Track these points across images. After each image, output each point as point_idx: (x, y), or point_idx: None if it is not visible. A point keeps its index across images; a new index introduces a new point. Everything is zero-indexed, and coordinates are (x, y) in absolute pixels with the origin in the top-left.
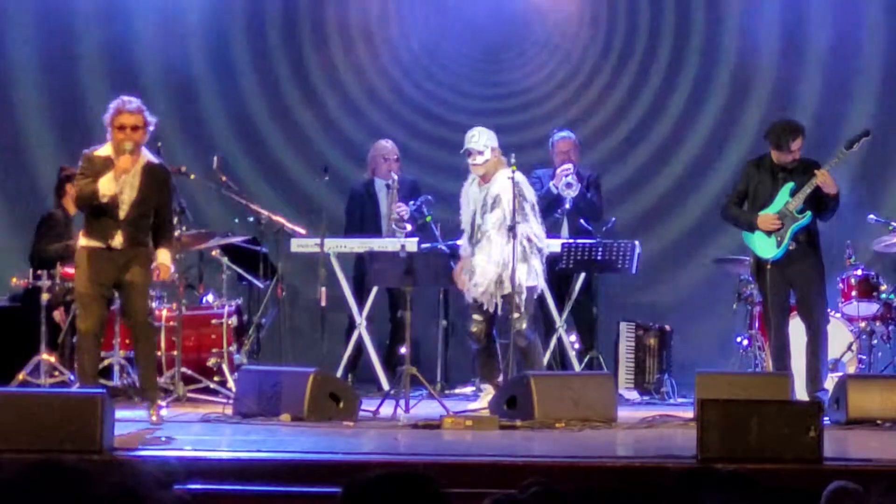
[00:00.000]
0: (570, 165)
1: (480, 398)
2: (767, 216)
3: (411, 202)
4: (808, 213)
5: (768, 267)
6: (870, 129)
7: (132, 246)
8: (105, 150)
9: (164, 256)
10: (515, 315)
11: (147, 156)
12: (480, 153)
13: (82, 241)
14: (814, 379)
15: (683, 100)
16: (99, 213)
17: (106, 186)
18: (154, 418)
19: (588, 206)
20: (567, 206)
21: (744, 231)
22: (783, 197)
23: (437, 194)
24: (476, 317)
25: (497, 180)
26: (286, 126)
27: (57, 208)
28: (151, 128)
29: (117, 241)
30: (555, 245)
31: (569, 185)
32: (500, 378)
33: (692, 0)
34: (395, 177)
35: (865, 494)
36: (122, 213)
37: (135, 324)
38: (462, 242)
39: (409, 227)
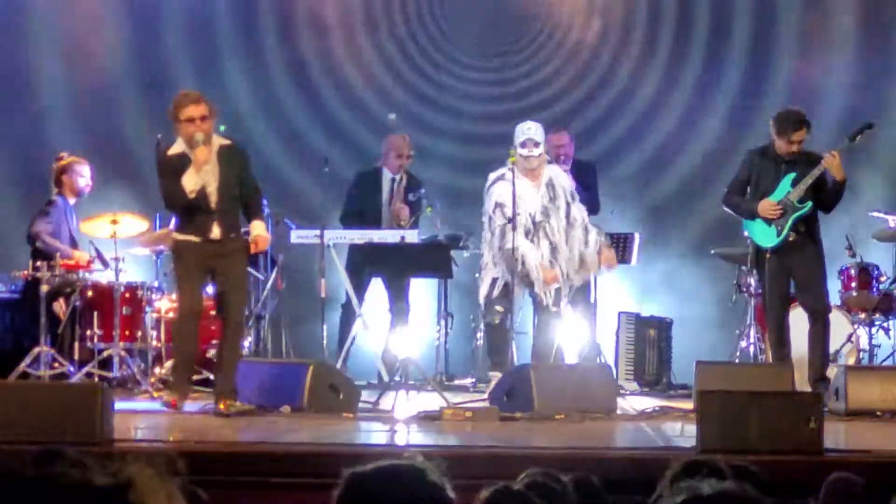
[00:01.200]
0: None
1: (490, 385)
2: (768, 203)
3: (410, 194)
4: (809, 203)
5: (767, 256)
6: (873, 122)
7: (229, 235)
8: (178, 147)
9: (259, 228)
10: (555, 308)
11: (218, 140)
12: (537, 145)
13: (179, 235)
14: (815, 367)
15: (687, 92)
16: (192, 210)
17: (191, 182)
18: (223, 407)
19: (585, 200)
20: None
21: (744, 219)
22: (785, 187)
23: (438, 188)
24: (498, 308)
25: (555, 174)
26: (285, 117)
27: (57, 196)
28: (216, 113)
29: (215, 233)
30: None
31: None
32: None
33: None
34: (403, 176)
35: (865, 486)
36: (213, 204)
37: (229, 321)
38: (519, 238)
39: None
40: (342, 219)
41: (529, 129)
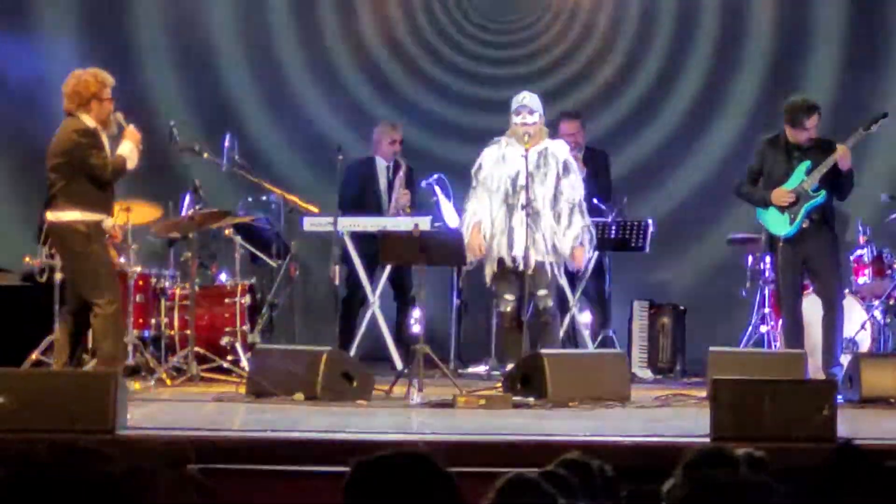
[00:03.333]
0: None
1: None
2: (781, 191)
3: (423, 181)
4: (823, 192)
5: (781, 244)
6: (888, 111)
7: None
8: (90, 122)
9: None
10: (543, 292)
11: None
12: (531, 112)
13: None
14: (829, 355)
15: (703, 80)
16: (106, 186)
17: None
18: None
19: (596, 186)
20: None
21: (758, 208)
22: (798, 176)
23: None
24: (507, 296)
25: (555, 146)
26: (298, 104)
27: None
28: None
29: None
30: None
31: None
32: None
33: None
34: (403, 161)
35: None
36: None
37: None
38: (483, 202)
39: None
40: (340, 209)
41: (524, 98)
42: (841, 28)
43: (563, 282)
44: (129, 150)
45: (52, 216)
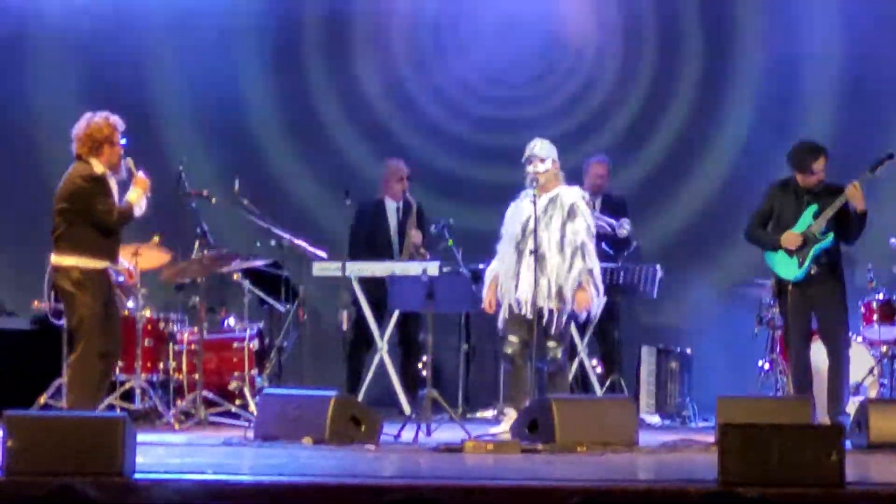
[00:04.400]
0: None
1: (503, 422)
2: (790, 234)
3: (432, 226)
4: (831, 235)
5: (790, 288)
6: (894, 153)
7: None
8: (99, 167)
9: None
10: (552, 343)
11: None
12: (542, 160)
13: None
14: (835, 402)
15: (707, 125)
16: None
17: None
18: None
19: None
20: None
21: (767, 251)
22: (806, 219)
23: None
24: (512, 338)
25: (566, 192)
26: (307, 149)
27: None
28: None
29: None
30: None
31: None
32: (527, 403)
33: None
34: (413, 200)
35: None
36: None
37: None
38: (502, 253)
39: (427, 255)
40: (350, 253)
41: (534, 147)
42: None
43: (572, 326)
44: (136, 196)
45: (53, 259)
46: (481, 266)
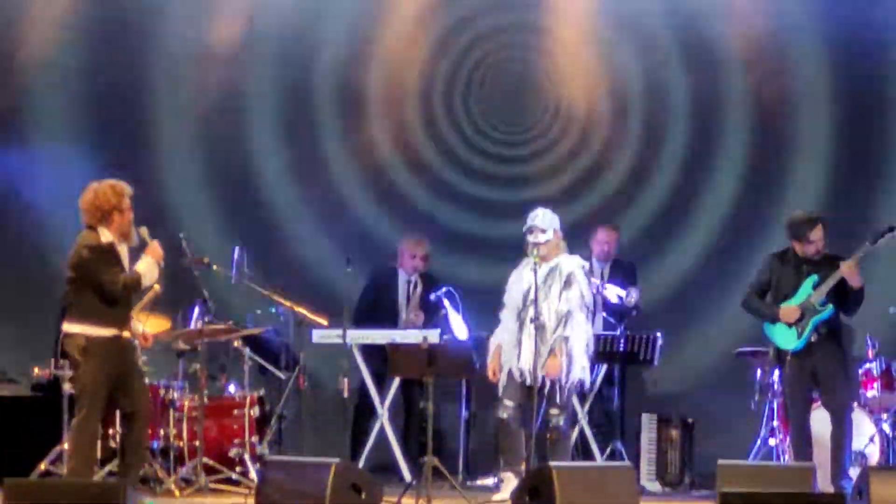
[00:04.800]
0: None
1: (502, 488)
2: (789, 308)
3: (432, 294)
4: (831, 307)
5: (789, 358)
6: (894, 226)
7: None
8: (107, 236)
9: None
10: (555, 411)
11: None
12: (543, 231)
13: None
14: (837, 468)
15: (705, 186)
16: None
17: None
18: None
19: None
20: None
21: (765, 322)
22: (806, 290)
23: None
24: (507, 402)
25: (566, 261)
26: (308, 216)
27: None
28: None
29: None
30: None
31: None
32: (523, 467)
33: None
34: (419, 281)
35: None
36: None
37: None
38: (505, 321)
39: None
40: (355, 316)
41: (535, 217)
42: (827, 135)
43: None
44: (146, 266)
45: (64, 327)
46: (485, 334)
